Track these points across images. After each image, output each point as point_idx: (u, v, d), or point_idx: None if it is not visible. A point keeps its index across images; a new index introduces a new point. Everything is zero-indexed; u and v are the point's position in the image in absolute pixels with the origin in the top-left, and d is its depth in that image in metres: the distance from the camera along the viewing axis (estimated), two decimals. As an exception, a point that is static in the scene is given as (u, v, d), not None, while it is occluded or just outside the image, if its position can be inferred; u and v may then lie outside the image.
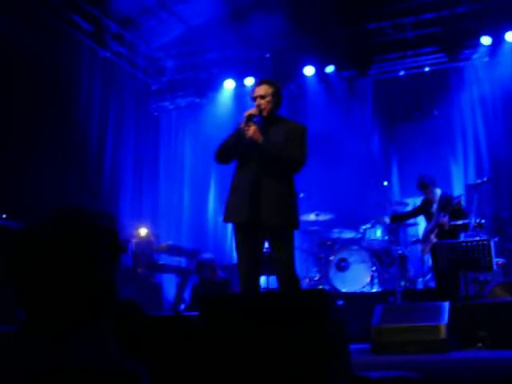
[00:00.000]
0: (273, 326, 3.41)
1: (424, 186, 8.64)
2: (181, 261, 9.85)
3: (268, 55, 11.09)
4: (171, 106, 12.34)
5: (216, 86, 11.63)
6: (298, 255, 6.75)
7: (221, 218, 5.38)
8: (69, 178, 9.40)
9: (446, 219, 8.17)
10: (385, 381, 3.56)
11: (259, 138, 4.98)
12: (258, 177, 4.98)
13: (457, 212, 8.20)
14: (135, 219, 10.80)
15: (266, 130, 5.10)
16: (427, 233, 8.58)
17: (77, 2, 9.63)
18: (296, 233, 5.21)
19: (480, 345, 5.92)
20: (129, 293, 8.35)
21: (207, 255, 9.18)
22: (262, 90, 5.16)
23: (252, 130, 4.98)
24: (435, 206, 8.54)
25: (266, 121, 5.17)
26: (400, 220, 8.92)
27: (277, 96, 5.22)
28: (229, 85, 11.52)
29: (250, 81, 11.38)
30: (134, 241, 9.82)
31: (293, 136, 5.11)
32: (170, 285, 10.14)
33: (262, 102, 5.13)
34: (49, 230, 1.51)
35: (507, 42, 9.95)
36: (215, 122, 11.46)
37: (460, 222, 7.99)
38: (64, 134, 9.54)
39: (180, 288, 9.29)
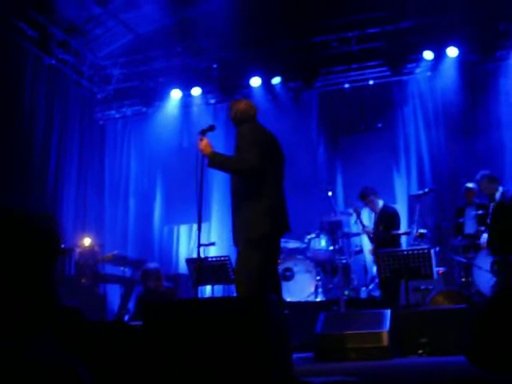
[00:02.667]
0: (214, 332, 3.42)
1: (365, 197, 8.83)
2: (126, 271, 9.75)
3: (215, 65, 11.12)
4: (117, 115, 12.26)
5: (163, 95, 11.59)
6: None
7: (166, 228, 5.47)
8: (12, 186, 9.23)
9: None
10: (326, 385, 3.61)
11: (206, 150, 5.15)
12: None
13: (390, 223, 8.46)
14: (79, 229, 10.67)
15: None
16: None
17: (22, 9, 9.49)
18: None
19: (421, 351, 6.03)
20: (72, 303, 8.20)
21: (152, 264, 9.08)
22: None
23: (201, 143, 5.20)
24: (375, 217, 8.76)
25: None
26: None
27: (237, 111, 5.71)
28: (175, 94, 11.50)
29: (196, 91, 11.38)
30: (77, 251, 9.69)
31: (237, 141, 5.28)
32: (114, 295, 10.03)
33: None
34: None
35: (448, 57, 10.22)
36: (161, 131, 11.44)
37: (401, 232, 8.15)
38: (7, 141, 9.38)
39: (124, 298, 9.19)
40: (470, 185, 8.75)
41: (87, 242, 9.95)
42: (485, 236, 7.87)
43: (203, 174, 5.29)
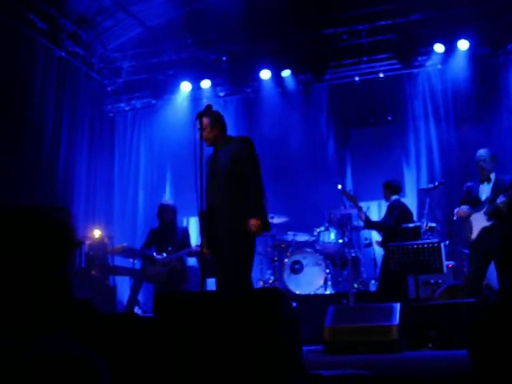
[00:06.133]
0: (225, 325, 3.43)
1: (383, 185, 8.70)
2: (135, 263, 9.78)
3: (225, 58, 11.11)
4: (127, 108, 12.27)
5: (172, 87, 11.58)
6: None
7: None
8: (22, 178, 9.26)
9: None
10: (336, 378, 3.61)
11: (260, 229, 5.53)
12: None
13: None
14: (89, 221, 10.70)
15: (214, 155, 5.70)
16: None
17: (32, 1, 9.51)
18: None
19: (430, 345, 6.03)
20: (82, 295, 8.25)
21: (169, 200, 9.37)
22: (201, 123, 5.62)
23: (255, 229, 5.49)
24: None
25: (213, 147, 5.75)
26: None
27: (215, 123, 5.73)
28: (185, 87, 11.49)
29: (206, 83, 11.38)
30: (87, 243, 9.73)
31: (240, 154, 5.61)
32: (123, 287, 10.07)
33: (204, 133, 5.62)
34: (1, 224, 1.51)
35: (459, 50, 10.16)
36: (171, 124, 11.44)
37: (411, 225, 8.12)
38: (17, 134, 9.40)
39: (134, 290, 9.23)
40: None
41: (97, 234, 9.99)
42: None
43: (202, 163, 5.44)
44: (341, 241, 9.11)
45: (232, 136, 5.88)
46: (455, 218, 7.41)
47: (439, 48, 10.25)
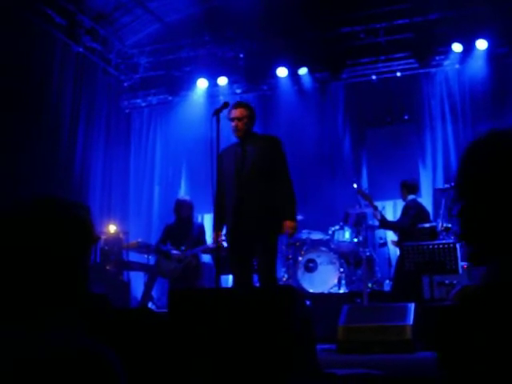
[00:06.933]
0: (239, 321, 3.43)
1: (401, 184, 8.65)
2: (150, 258, 9.82)
3: (242, 55, 11.11)
4: (143, 104, 12.30)
5: (189, 84, 11.60)
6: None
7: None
8: (39, 173, 9.30)
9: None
10: (350, 377, 3.61)
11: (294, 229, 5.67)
12: None
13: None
14: (104, 216, 10.75)
15: (243, 148, 5.67)
16: None
17: (51, -4, 9.57)
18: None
19: (444, 346, 5.99)
20: (97, 290, 8.30)
21: (186, 196, 9.40)
22: (239, 112, 5.68)
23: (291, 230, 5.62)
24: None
25: (242, 140, 5.72)
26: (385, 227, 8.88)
27: (252, 118, 5.80)
28: (202, 84, 11.50)
29: (223, 80, 11.38)
30: (102, 238, 9.78)
31: (272, 153, 5.70)
32: (138, 282, 10.11)
33: (239, 123, 5.66)
34: (24, 218, 1.52)
35: (478, 50, 10.09)
36: (187, 121, 11.46)
37: (427, 226, 8.08)
38: (35, 129, 9.46)
39: (148, 285, 9.27)
40: None
41: (112, 229, 10.04)
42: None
43: (218, 161, 5.61)
44: (355, 240, 9.09)
45: (258, 133, 5.91)
46: None
47: (457, 47, 10.18)
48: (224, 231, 5.80)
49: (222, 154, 5.82)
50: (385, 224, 8.51)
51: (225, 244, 8.24)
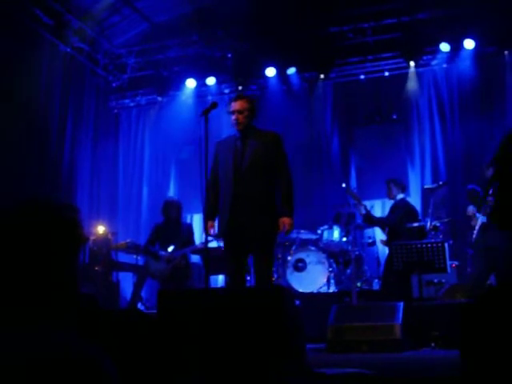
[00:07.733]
0: (229, 321, 3.43)
1: (388, 182, 8.65)
2: (139, 259, 9.79)
3: (230, 55, 11.10)
4: (131, 104, 12.28)
5: (177, 84, 11.60)
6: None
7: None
8: (27, 174, 9.27)
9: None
10: (339, 377, 3.61)
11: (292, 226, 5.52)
12: None
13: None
14: (93, 217, 10.71)
15: (243, 142, 5.55)
16: None
17: (38, -4, 9.52)
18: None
19: (433, 345, 6.02)
20: (86, 291, 8.28)
21: (174, 197, 9.39)
22: (239, 105, 5.56)
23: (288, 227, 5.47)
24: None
25: (242, 133, 5.59)
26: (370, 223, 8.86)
27: (253, 111, 5.65)
28: (190, 84, 11.50)
29: (211, 80, 11.38)
30: (91, 238, 9.75)
31: (273, 150, 5.59)
32: (127, 283, 10.08)
33: (240, 116, 5.54)
34: (12, 219, 1.51)
35: (465, 49, 10.14)
36: (176, 121, 11.44)
37: (416, 225, 8.10)
38: (22, 129, 9.41)
39: (137, 286, 9.24)
40: None
41: (101, 230, 10.00)
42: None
43: (207, 161, 5.42)
44: (344, 239, 9.11)
45: (258, 128, 5.79)
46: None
47: (445, 47, 10.23)
48: (216, 223, 5.66)
49: (219, 144, 5.72)
50: (369, 219, 8.46)
51: (214, 244, 8.27)
